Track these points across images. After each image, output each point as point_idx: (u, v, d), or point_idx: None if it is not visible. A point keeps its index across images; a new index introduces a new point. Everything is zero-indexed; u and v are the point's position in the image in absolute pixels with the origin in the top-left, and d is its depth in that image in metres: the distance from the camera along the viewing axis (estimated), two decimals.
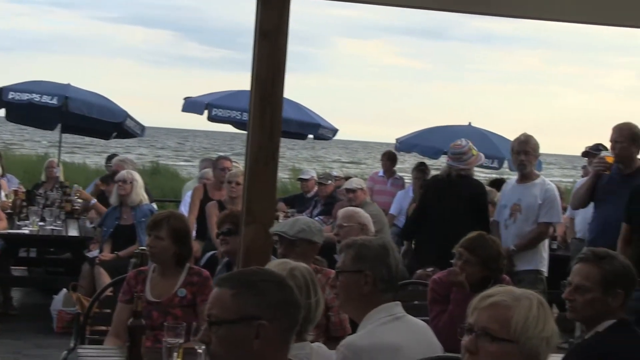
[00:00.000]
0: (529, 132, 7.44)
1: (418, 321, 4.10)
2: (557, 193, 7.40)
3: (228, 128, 15.41)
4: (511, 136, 7.74)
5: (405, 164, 23.25)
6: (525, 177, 7.38)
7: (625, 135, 6.86)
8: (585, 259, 4.06)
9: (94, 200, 10.80)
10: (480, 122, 20.48)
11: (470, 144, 8.06)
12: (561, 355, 4.08)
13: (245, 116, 8.78)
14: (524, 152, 7.30)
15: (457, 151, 7.94)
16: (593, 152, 8.95)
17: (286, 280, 2.85)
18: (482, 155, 8.32)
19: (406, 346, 3.82)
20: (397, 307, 3.92)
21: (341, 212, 6.68)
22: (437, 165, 13.85)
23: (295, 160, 50.33)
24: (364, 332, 3.82)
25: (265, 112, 4.93)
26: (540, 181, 7.38)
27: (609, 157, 6.95)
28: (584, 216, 8.25)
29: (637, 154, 6.71)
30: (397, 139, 14.97)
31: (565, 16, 6.53)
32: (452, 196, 7.73)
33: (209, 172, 10.47)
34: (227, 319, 2.63)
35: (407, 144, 14.67)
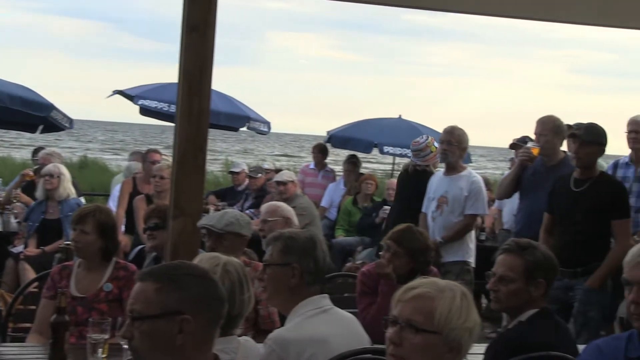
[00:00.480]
0: (459, 125, 7.53)
1: (345, 313, 4.12)
2: (482, 185, 7.49)
3: (160, 121, 15.27)
4: (441, 129, 7.82)
5: (337, 157, 23.36)
6: (452, 169, 7.44)
7: (549, 128, 6.98)
8: (508, 250, 4.12)
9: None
10: (411, 115, 20.72)
11: (430, 140, 8.28)
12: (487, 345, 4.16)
13: (174, 108, 8.81)
14: (447, 142, 7.37)
15: (415, 148, 8.32)
16: (520, 144, 9.08)
17: (210, 274, 2.84)
18: None
19: (333, 338, 3.84)
20: (324, 300, 3.94)
21: (264, 207, 6.69)
22: (369, 158, 13.98)
23: (229, 153, 50.16)
24: (291, 325, 3.83)
25: (193, 104, 4.91)
26: (466, 173, 7.45)
27: (534, 148, 7.06)
28: (511, 207, 8.40)
29: (561, 146, 6.83)
30: (328, 132, 15.04)
31: (495, 11, 6.65)
32: (410, 191, 8.05)
33: (137, 165, 10.36)
34: (149, 314, 2.61)
35: (338, 136, 14.74)
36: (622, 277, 3.30)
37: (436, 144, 8.26)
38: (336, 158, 23.17)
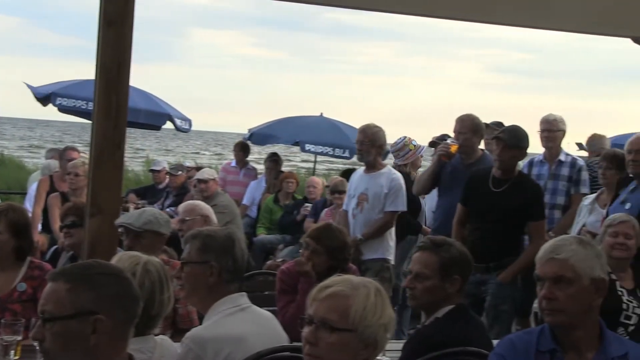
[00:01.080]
0: (380, 123, 7.54)
1: (263, 312, 4.12)
2: (402, 182, 7.50)
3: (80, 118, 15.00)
4: None
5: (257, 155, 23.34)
6: (371, 167, 7.45)
7: (468, 126, 7.09)
8: (423, 248, 4.18)
9: None
10: (333, 113, 20.84)
11: (407, 139, 8.52)
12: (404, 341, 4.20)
13: (92, 106, 8.65)
14: (361, 141, 7.39)
15: (393, 149, 8.62)
16: (439, 142, 9.18)
17: (123, 272, 2.80)
18: (422, 147, 8.78)
19: (251, 337, 3.84)
20: (242, 298, 3.94)
21: (182, 206, 6.66)
22: (292, 155, 14.00)
23: (150, 151, 49.61)
24: (209, 324, 3.83)
25: (111, 101, 4.84)
26: (386, 170, 7.46)
27: (453, 145, 7.15)
28: (431, 205, 8.47)
29: (479, 144, 6.92)
30: (249, 130, 15.02)
31: (416, 10, 6.71)
32: None
33: (55, 163, 10.17)
34: (62, 314, 2.56)
35: (259, 134, 14.73)
36: (534, 273, 3.37)
37: (415, 143, 8.51)
38: (258, 156, 23.15)
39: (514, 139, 6.44)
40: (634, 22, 7.00)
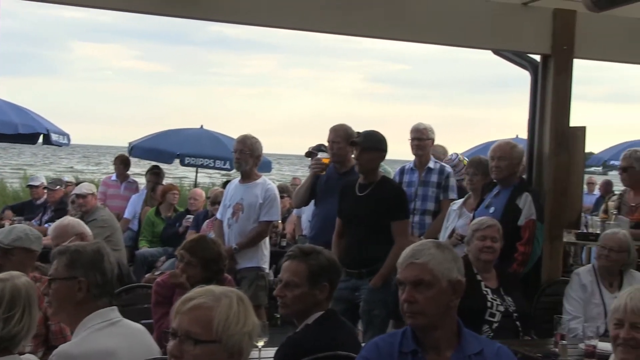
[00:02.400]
0: (262, 133, 7.65)
1: (135, 325, 4.07)
2: (277, 192, 7.58)
3: None
4: None
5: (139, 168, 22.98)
6: (247, 177, 7.49)
7: (341, 135, 7.17)
8: (292, 257, 4.21)
9: None
10: (215, 124, 20.85)
11: (460, 155, 9.03)
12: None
13: None
14: (239, 150, 7.41)
15: (451, 165, 8.75)
16: (315, 152, 9.28)
17: None
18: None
19: (121, 351, 3.78)
20: (112, 312, 3.88)
21: (52, 229, 6.48)
22: (173, 167, 13.91)
23: (29, 167, 48.29)
24: (77, 340, 3.76)
25: None
26: (261, 181, 7.51)
27: (325, 158, 7.25)
28: (309, 214, 8.55)
29: (352, 153, 7.00)
30: (130, 143, 14.91)
31: (295, 25, 6.81)
32: None
33: None
34: None
35: (140, 147, 14.66)
36: (396, 277, 3.44)
37: (466, 158, 8.83)
38: (142, 170, 22.87)
39: (369, 142, 6.53)
40: (493, 36, 7.32)
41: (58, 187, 11.11)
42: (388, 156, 6.71)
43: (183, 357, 2.77)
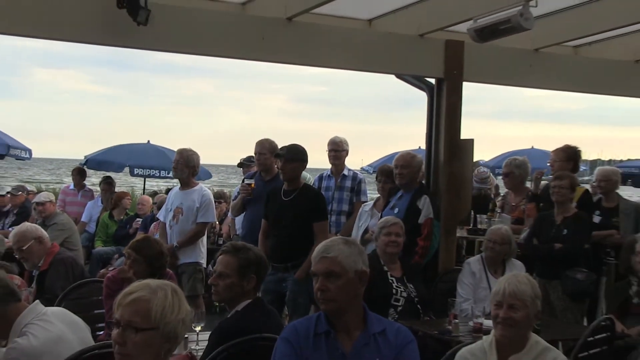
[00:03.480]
0: (201, 146, 7.62)
1: (55, 308, 4.10)
2: (211, 198, 7.51)
3: None
4: None
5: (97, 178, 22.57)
6: (185, 184, 7.41)
7: (266, 148, 7.17)
8: (225, 251, 4.21)
9: None
10: (160, 139, 20.71)
11: (488, 170, 11.11)
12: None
13: None
14: (176, 161, 7.36)
15: (482, 177, 10.02)
16: (247, 162, 9.29)
17: None
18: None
19: (64, 334, 3.76)
20: (38, 306, 3.84)
21: (13, 235, 6.36)
22: (124, 176, 13.77)
23: None
24: (27, 336, 3.68)
25: None
26: (198, 188, 7.43)
27: (251, 184, 7.26)
28: (242, 217, 8.52)
29: (276, 163, 6.98)
30: (85, 156, 14.78)
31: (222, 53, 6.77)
32: (476, 209, 8.66)
33: None
34: None
35: (94, 160, 14.59)
36: (310, 270, 3.47)
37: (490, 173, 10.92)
38: (97, 179, 22.46)
39: (291, 153, 6.51)
40: (395, 62, 7.41)
41: (20, 192, 10.84)
42: (308, 165, 6.68)
43: (126, 344, 2.76)
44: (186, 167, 7.30)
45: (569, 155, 7.52)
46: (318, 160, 8.38)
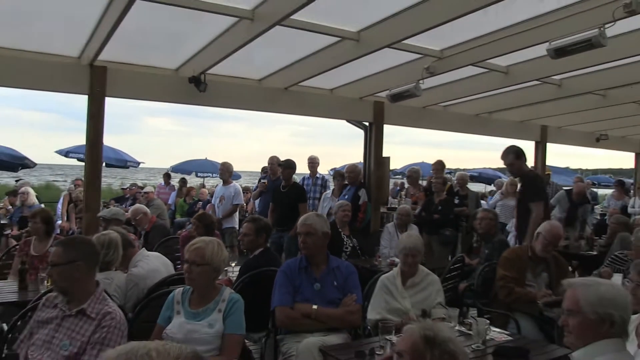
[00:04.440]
0: (236, 160, 7.37)
1: (152, 253, 3.91)
2: (241, 190, 7.02)
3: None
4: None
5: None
6: (226, 182, 7.06)
7: (275, 161, 7.02)
8: (248, 220, 4.06)
9: None
10: (212, 157, 20.01)
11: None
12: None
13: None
14: (221, 169, 7.01)
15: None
16: (264, 172, 8.81)
17: (92, 241, 2.69)
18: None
19: (160, 267, 3.67)
20: (144, 251, 3.76)
21: (132, 209, 6.00)
22: (191, 178, 13.64)
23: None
24: (135, 269, 3.60)
25: (92, 154, 4.61)
26: (233, 184, 7.10)
27: (265, 182, 6.99)
28: (259, 200, 8.30)
29: (279, 171, 6.74)
30: (171, 166, 14.54)
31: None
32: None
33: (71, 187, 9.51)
34: (60, 262, 2.40)
35: (176, 168, 14.37)
36: (297, 231, 3.34)
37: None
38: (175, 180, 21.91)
39: (288, 164, 6.39)
40: (345, 112, 7.10)
41: (134, 187, 11.05)
42: (297, 171, 6.54)
43: (192, 272, 2.67)
44: (226, 172, 7.08)
45: (441, 165, 7.44)
46: (303, 169, 8.25)
